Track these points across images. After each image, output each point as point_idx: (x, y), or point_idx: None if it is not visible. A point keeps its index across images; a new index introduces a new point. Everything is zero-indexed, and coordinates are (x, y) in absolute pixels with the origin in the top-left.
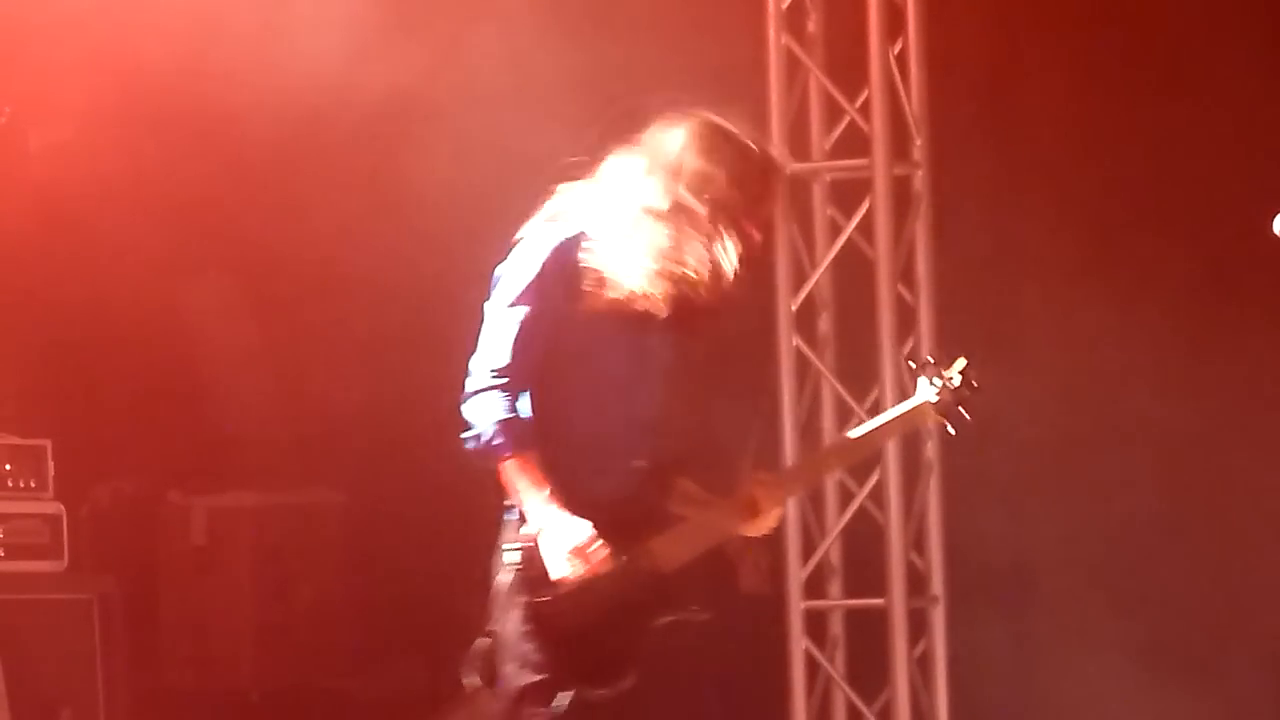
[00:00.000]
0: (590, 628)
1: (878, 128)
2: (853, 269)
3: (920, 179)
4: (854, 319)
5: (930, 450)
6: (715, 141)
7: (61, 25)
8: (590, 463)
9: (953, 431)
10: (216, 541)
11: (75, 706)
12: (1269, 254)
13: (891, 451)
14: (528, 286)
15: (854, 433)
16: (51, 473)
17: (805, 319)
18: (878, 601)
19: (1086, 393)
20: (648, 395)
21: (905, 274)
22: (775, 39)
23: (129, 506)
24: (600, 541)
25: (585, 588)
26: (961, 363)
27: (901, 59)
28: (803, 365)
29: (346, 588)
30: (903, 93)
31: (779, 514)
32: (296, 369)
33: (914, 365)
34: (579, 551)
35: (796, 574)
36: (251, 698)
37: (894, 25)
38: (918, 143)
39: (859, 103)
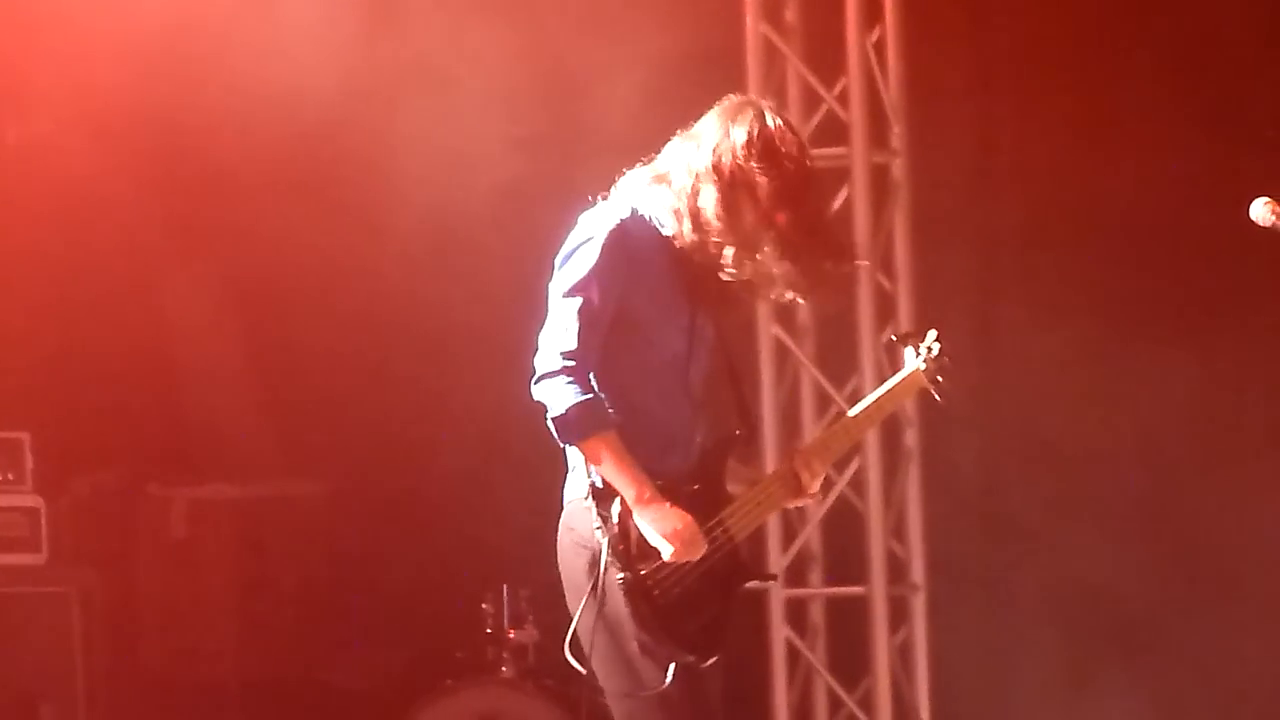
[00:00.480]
0: (690, 598)
1: (856, 116)
2: None
3: (899, 167)
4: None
5: (910, 439)
6: (762, 126)
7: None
8: (658, 439)
9: (940, 399)
10: (197, 533)
11: (55, 700)
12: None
13: (871, 441)
14: (588, 274)
15: (865, 401)
16: (30, 466)
17: (785, 308)
18: (858, 590)
19: (1067, 380)
20: (698, 371)
21: (884, 262)
22: (753, 27)
23: (108, 499)
24: (694, 524)
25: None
26: (934, 333)
27: (879, 47)
28: (782, 354)
29: (327, 579)
30: (880, 81)
31: (821, 481)
32: (276, 360)
33: (895, 337)
34: (679, 532)
35: (777, 562)
36: (232, 689)
37: (872, 13)
38: (896, 131)
39: (837, 91)
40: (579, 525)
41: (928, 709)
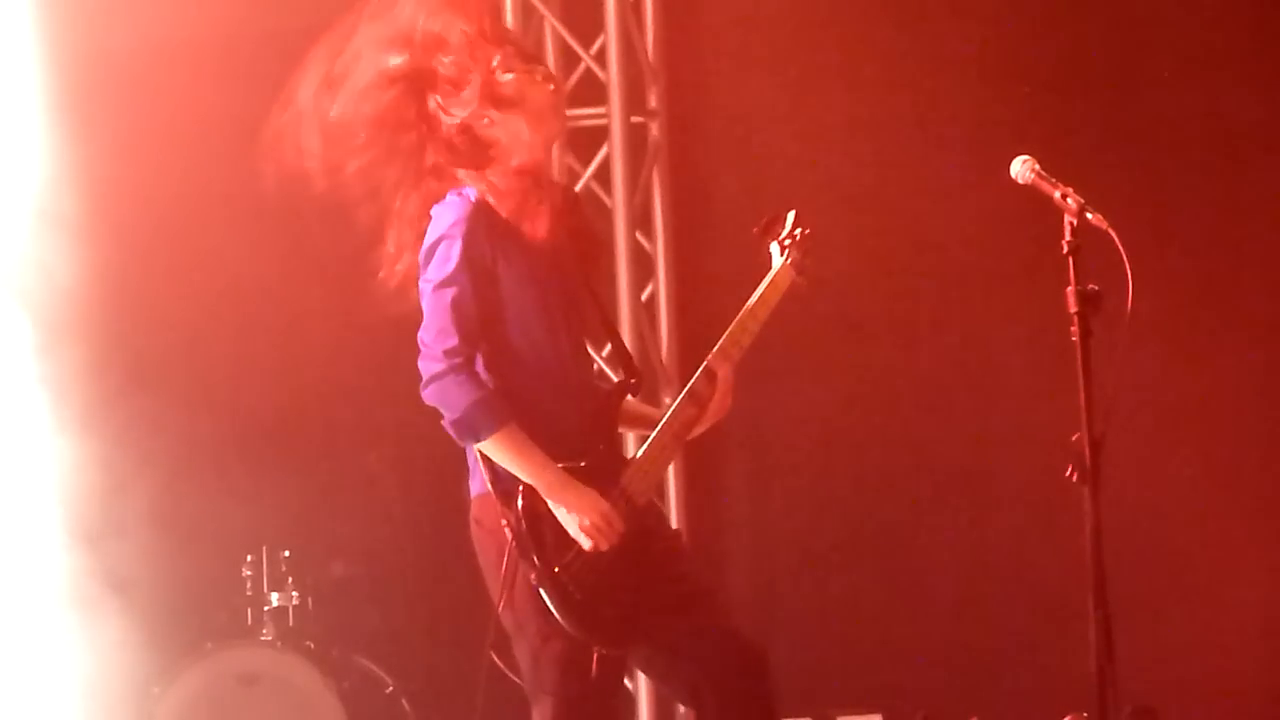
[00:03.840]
0: (604, 583)
1: (614, 76)
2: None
3: (658, 127)
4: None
5: None
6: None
7: None
8: (552, 406)
9: (809, 287)
10: None
11: None
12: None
13: None
14: (455, 265)
15: (747, 306)
16: None
17: None
18: None
19: (843, 330)
20: (576, 332)
21: (642, 222)
22: None
23: None
24: (610, 509)
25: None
26: (791, 215)
27: (637, 7)
28: None
29: None
30: (639, 40)
31: (730, 383)
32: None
33: (756, 232)
34: (596, 523)
35: None
36: None
37: None
38: (655, 90)
39: (595, 50)
40: (485, 518)
41: None
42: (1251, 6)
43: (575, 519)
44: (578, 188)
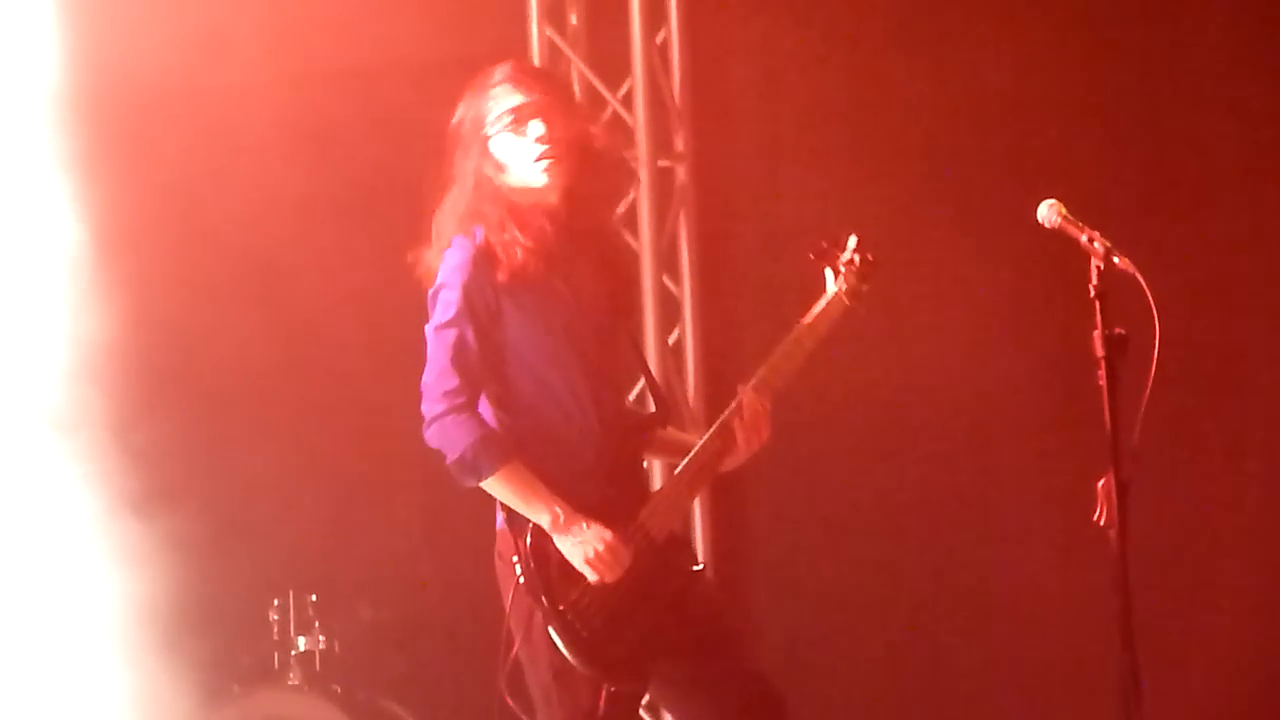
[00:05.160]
0: (615, 621)
1: (641, 119)
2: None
3: (684, 170)
4: None
5: None
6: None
7: None
8: (565, 445)
9: (862, 311)
10: None
11: None
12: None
13: None
14: (455, 309)
15: (793, 334)
16: None
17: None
18: None
19: (868, 379)
20: (592, 358)
21: (669, 265)
22: (538, 30)
23: None
24: (616, 541)
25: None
26: (854, 240)
27: (664, 50)
28: None
29: None
30: (665, 84)
31: (766, 415)
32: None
33: (813, 256)
34: (601, 555)
35: None
36: None
37: (657, 15)
38: (681, 134)
39: (622, 93)
40: (504, 553)
41: None
42: None
43: (579, 551)
44: None
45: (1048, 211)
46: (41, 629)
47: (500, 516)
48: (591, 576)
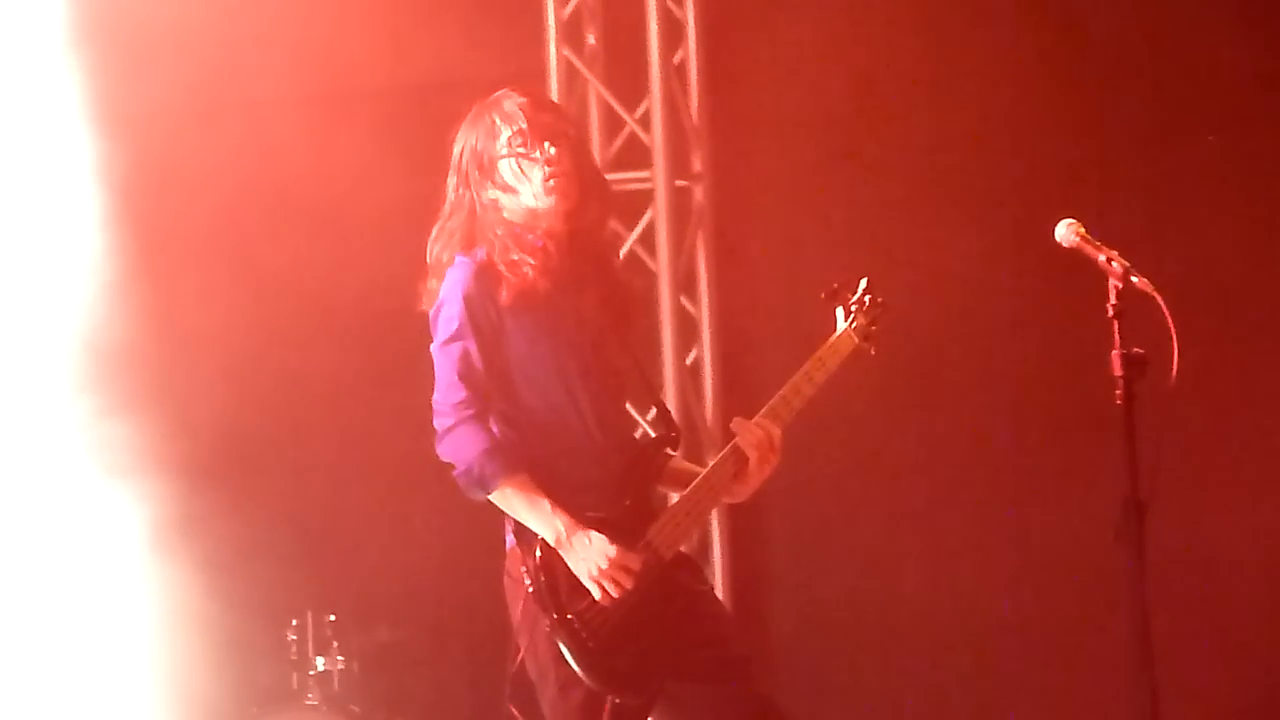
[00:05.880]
0: (621, 634)
1: (658, 140)
2: (634, 281)
3: (702, 191)
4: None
5: None
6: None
7: None
8: (572, 462)
9: (873, 353)
10: None
11: None
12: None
13: None
14: (457, 325)
15: (803, 369)
16: None
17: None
18: None
19: (887, 399)
20: (598, 379)
21: (687, 285)
22: (555, 50)
23: None
24: (623, 554)
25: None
26: (864, 282)
27: (681, 70)
28: None
29: None
30: (683, 104)
31: (776, 442)
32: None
33: (824, 297)
34: (605, 571)
35: None
36: None
37: (674, 36)
38: (699, 154)
39: (639, 114)
40: (513, 569)
41: None
42: None
43: (584, 566)
44: (622, 252)
45: (1065, 231)
46: (62, 650)
47: (510, 537)
48: (596, 592)
